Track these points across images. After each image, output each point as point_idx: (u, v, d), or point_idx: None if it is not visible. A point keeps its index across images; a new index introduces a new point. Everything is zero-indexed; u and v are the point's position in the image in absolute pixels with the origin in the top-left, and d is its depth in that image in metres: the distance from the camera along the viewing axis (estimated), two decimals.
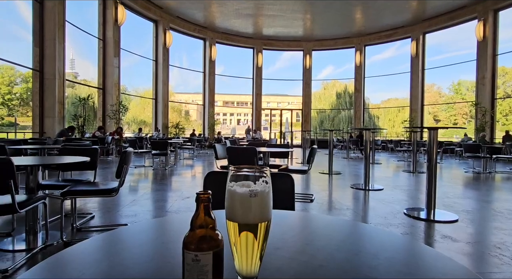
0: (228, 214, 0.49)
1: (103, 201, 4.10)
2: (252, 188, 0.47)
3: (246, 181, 0.48)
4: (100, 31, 12.92)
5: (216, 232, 0.49)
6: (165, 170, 7.61)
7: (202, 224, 0.49)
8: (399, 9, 14.66)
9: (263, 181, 0.48)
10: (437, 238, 2.94)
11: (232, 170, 0.49)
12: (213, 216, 0.50)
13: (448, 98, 23.98)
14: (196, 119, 23.28)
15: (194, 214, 0.50)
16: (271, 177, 1.36)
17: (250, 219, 0.47)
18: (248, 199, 0.47)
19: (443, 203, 4.34)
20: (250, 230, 0.47)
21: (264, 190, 0.48)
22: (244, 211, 0.47)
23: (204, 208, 0.50)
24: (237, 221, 0.47)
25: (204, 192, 0.50)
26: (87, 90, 13.03)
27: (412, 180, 6.85)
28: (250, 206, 0.47)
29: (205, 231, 0.49)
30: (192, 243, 0.48)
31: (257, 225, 0.47)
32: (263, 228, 0.48)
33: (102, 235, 0.79)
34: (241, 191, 0.47)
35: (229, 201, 0.49)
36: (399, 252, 0.69)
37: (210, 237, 0.48)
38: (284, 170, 4.43)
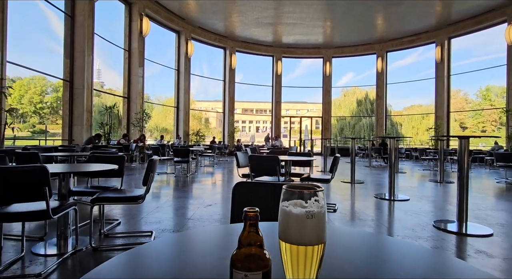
0: (282, 235, 0.48)
1: (128, 208, 4.20)
2: (308, 209, 0.46)
3: (298, 200, 0.47)
4: (126, 42, 13.43)
5: (264, 252, 0.49)
6: (186, 177, 7.71)
7: (251, 242, 0.48)
8: (422, 14, 14.34)
9: (315, 200, 0.47)
10: (471, 253, 2.79)
11: (285, 188, 0.48)
12: (261, 233, 0.49)
13: (475, 104, 23.00)
14: (215, 126, 23.56)
15: (242, 232, 0.49)
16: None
17: (306, 241, 0.46)
18: (304, 220, 0.46)
19: (475, 216, 4.13)
20: (306, 252, 0.46)
21: (321, 211, 0.47)
22: (300, 233, 0.46)
23: (252, 226, 0.49)
24: (292, 242, 0.46)
25: (252, 209, 0.49)
26: (112, 99, 13.52)
27: (440, 190, 6.58)
28: (306, 227, 0.46)
29: (254, 249, 0.48)
30: (241, 262, 0.47)
31: (313, 247, 0.46)
32: (319, 250, 0.47)
33: (129, 252, 0.76)
34: (297, 211, 0.46)
35: (284, 221, 0.48)
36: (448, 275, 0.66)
37: (259, 257, 0.48)
38: (306, 179, 4.38)
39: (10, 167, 2.14)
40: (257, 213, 0.49)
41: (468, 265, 0.69)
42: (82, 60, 10.27)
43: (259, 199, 1.42)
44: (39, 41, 11.48)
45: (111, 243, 2.94)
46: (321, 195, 0.48)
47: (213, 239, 0.92)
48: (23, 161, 4.03)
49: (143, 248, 0.82)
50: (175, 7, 14.50)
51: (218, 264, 0.66)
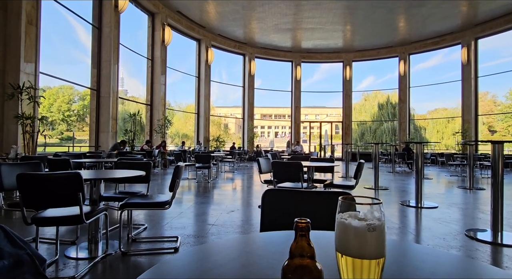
0: (341, 248, 0.48)
1: (153, 213, 4.29)
2: (370, 222, 0.45)
3: (353, 212, 0.47)
4: (149, 51, 13.87)
5: (316, 263, 0.49)
6: (208, 183, 7.80)
7: (303, 253, 0.49)
8: (447, 15, 13.93)
9: (371, 212, 0.47)
10: (509, 264, 2.65)
11: (342, 200, 0.48)
12: (312, 244, 0.49)
13: (504, 107, 21.91)
14: (234, 132, 23.74)
15: (293, 242, 0.50)
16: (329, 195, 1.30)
17: (367, 254, 0.45)
18: (365, 233, 0.45)
19: (511, 225, 3.91)
20: (365, 265, 0.46)
21: (381, 224, 0.46)
22: (360, 246, 0.46)
23: (303, 236, 0.49)
24: (353, 255, 0.46)
25: (303, 220, 0.50)
26: (135, 106, 13.93)
27: (470, 197, 6.30)
28: (366, 240, 0.45)
29: (306, 261, 0.48)
30: (292, 273, 0.47)
31: (374, 261, 0.45)
32: (379, 264, 0.46)
33: (171, 260, 0.75)
34: (357, 224, 0.46)
35: (343, 234, 0.48)
36: None
37: (311, 268, 0.48)
38: (329, 185, 4.32)
39: (47, 174, 2.25)
40: (308, 224, 0.49)
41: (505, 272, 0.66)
42: (108, 69, 10.68)
43: (288, 206, 1.42)
44: (68, 52, 12.05)
45: (139, 247, 3.00)
46: (380, 208, 0.47)
47: (251, 248, 0.92)
48: (55, 167, 4.21)
49: (172, 261, 0.82)
50: (196, 16, 14.85)
51: (266, 273, 0.66)
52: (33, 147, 7.07)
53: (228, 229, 3.62)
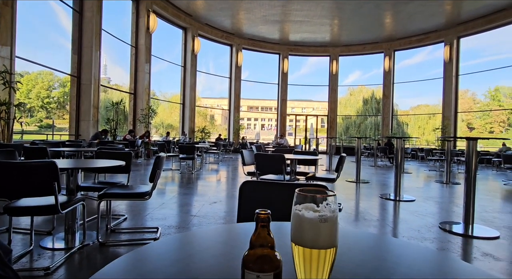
0: (295, 238, 0.48)
1: (134, 204, 4.23)
2: (322, 213, 0.46)
3: (310, 204, 0.48)
4: (133, 39, 13.50)
5: (276, 253, 0.49)
6: (191, 174, 7.75)
7: (263, 244, 0.49)
8: (431, 13, 14.16)
9: (326, 204, 0.48)
10: (477, 255, 2.77)
11: (298, 192, 0.49)
12: (272, 235, 0.50)
13: (483, 105, 22.72)
14: (221, 123, 23.62)
15: (253, 233, 0.50)
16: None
17: (319, 245, 0.46)
18: (317, 225, 0.46)
19: (482, 218, 4.09)
20: (318, 256, 0.46)
21: (333, 215, 0.47)
22: (314, 236, 0.46)
23: (264, 227, 0.50)
24: (306, 246, 0.47)
25: (264, 211, 0.50)
26: (118, 95, 13.61)
27: (446, 191, 6.53)
28: (319, 231, 0.46)
29: (265, 251, 0.49)
30: (253, 263, 0.48)
31: (326, 251, 0.46)
32: (332, 254, 0.47)
33: (138, 251, 0.75)
34: (310, 216, 0.46)
35: (297, 225, 0.48)
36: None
37: (271, 258, 0.48)
38: (311, 178, 4.38)
39: (20, 162, 2.18)
40: (268, 215, 0.49)
41: (477, 269, 0.69)
42: (89, 55, 10.35)
43: (266, 198, 1.43)
44: (47, 36, 11.59)
45: (118, 238, 2.97)
46: (332, 200, 0.48)
47: (221, 239, 0.93)
48: (31, 156, 4.08)
49: (149, 248, 0.82)
50: (183, 3, 14.51)
51: (228, 265, 0.67)
52: (9, 135, 6.81)
53: (209, 220, 3.63)
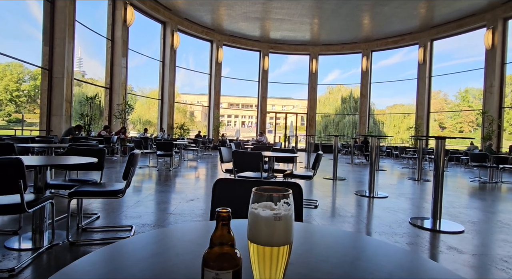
0: (251, 236, 0.49)
1: (108, 202, 4.12)
2: (276, 212, 0.47)
3: (268, 202, 0.48)
4: (109, 31, 13.06)
5: (236, 251, 0.50)
6: (169, 171, 7.64)
7: (223, 242, 0.49)
8: (407, 16, 14.63)
9: (284, 202, 0.48)
10: (443, 249, 2.91)
11: (254, 191, 0.49)
12: (232, 233, 0.50)
13: (454, 105, 23.84)
14: (200, 120, 23.39)
15: (214, 231, 0.50)
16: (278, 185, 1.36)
17: (274, 242, 0.47)
18: (272, 223, 0.47)
19: (449, 213, 4.30)
20: (274, 252, 0.47)
21: (288, 213, 0.48)
22: (268, 234, 0.47)
23: (224, 226, 0.50)
24: (261, 243, 0.47)
25: (224, 209, 0.50)
26: (93, 89, 13.15)
27: (417, 188, 6.81)
28: (274, 229, 0.47)
29: (225, 249, 0.49)
30: (213, 261, 0.48)
31: (280, 248, 0.47)
32: (286, 251, 0.48)
33: (111, 246, 0.77)
34: (265, 214, 0.47)
35: (252, 223, 0.49)
36: (415, 273, 0.69)
37: (230, 256, 0.49)
38: (289, 175, 4.43)
39: None
40: (229, 213, 0.49)
41: (440, 266, 0.73)
42: (62, 47, 9.92)
43: (239, 195, 1.43)
44: (16, 26, 11.00)
45: (89, 237, 2.89)
46: (290, 198, 0.49)
47: (191, 236, 0.92)
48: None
49: (118, 245, 0.82)
50: None
51: (192, 263, 0.67)
52: None
53: (186, 218, 3.60)
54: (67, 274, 0.61)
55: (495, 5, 13.23)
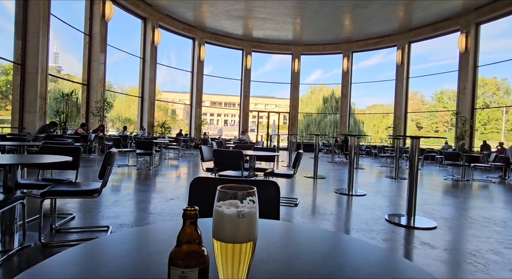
0: (216, 234, 0.49)
1: (84, 201, 4.01)
2: (240, 209, 0.48)
3: (233, 200, 0.49)
4: (86, 26, 12.65)
5: (203, 248, 0.50)
6: (149, 170, 7.50)
7: (189, 240, 0.49)
8: (386, 18, 15.01)
9: (250, 200, 0.49)
10: (416, 244, 3.02)
11: (219, 189, 0.50)
12: (200, 231, 0.50)
13: (430, 106, 24.69)
14: (182, 118, 23.08)
15: (180, 230, 0.50)
16: (256, 184, 1.37)
17: (238, 239, 0.47)
18: (236, 220, 0.47)
19: (423, 210, 4.46)
20: (237, 249, 0.48)
21: (251, 210, 0.48)
22: (232, 232, 0.48)
23: (191, 224, 0.50)
24: (225, 241, 0.48)
25: (192, 208, 0.50)
26: (70, 86, 12.71)
27: (394, 186, 7.01)
28: (238, 226, 0.47)
29: (192, 247, 0.49)
30: (179, 259, 0.48)
31: (244, 245, 0.48)
32: (250, 247, 0.49)
33: (82, 246, 0.77)
34: (229, 212, 0.48)
35: (216, 221, 0.49)
36: (381, 267, 0.71)
37: (197, 253, 0.49)
38: (270, 174, 4.45)
39: None
40: (196, 212, 0.49)
41: (404, 259, 0.75)
42: (36, 41, 9.52)
43: (215, 194, 1.43)
44: None
45: (63, 238, 2.79)
46: (255, 196, 0.50)
47: (166, 236, 0.91)
48: None
49: (89, 245, 0.80)
50: None
51: (162, 262, 0.66)
52: None
53: (165, 218, 3.55)
54: (32, 275, 0.59)
55: (468, 10, 13.80)
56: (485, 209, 4.89)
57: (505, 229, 3.65)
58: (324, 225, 3.60)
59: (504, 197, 6.31)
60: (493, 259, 2.67)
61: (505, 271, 2.45)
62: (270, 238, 0.88)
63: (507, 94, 21.67)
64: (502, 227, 3.73)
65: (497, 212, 4.64)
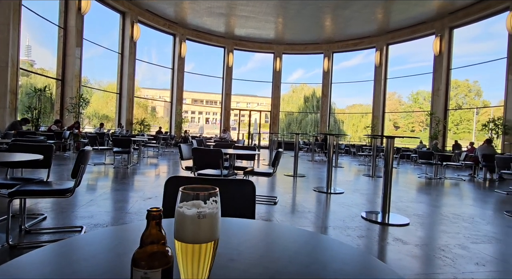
0: (177, 234, 0.49)
1: (57, 201, 3.87)
2: (200, 210, 0.48)
3: (196, 201, 0.49)
4: (61, 19, 12.16)
5: (167, 249, 0.49)
6: (127, 168, 7.33)
7: (153, 241, 0.49)
8: (365, 20, 15.35)
9: (213, 200, 0.49)
10: (390, 240, 3.13)
11: (181, 190, 0.50)
12: (164, 232, 0.50)
13: (407, 106, 25.54)
14: (163, 116, 22.68)
15: (144, 230, 0.49)
16: (232, 183, 1.37)
17: (199, 239, 0.48)
18: (197, 221, 0.48)
19: (397, 207, 4.61)
20: (198, 249, 0.48)
21: (213, 211, 0.49)
22: (193, 232, 0.48)
23: (155, 225, 0.50)
24: (186, 241, 0.48)
25: (156, 208, 0.50)
26: (44, 80, 12.19)
27: (371, 184, 7.21)
28: (199, 227, 0.48)
29: (155, 247, 0.49)
30: (142, 260, 0.48)
31: (205, 245, 0.48)
32: (211, 247, 0.49)
33: (54, 245, 0.76)
34: (190, 213, 0.48)
35: (177, 222, 0.49)
36: (348, 264, 0.73)
37: (161, 254, 0.49)
38: (249, 172, 4.46)
39: None
40: (160, 212, 0.49)
41: (379, 262, 0.78)
42: (6, 34, 9.06)
43: None
44: None
45: (33, 240, 2.69)
46: (217, 196, 0.50)
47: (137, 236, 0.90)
48: None
49: (56, 246, 0.79)
50: None
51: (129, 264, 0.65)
52: None
53: (142, 217, 3.48)
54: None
55: (443, 15, 14.35)
56: (455, 206, 5.12)
57: (472, 225, 3.84)
58: (302, 223, 3.65)
59: (473, 195, 6.63)
60: (460, 254, 2.80)
61: (471, 264, 2.58)
62: (242, 237, 0.89)
63: (478, 96, 22.76)
64: (469, 223, 3.92)
65: (466, 209, 4.87)
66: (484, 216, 4.42)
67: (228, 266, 0.66)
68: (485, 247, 3.04)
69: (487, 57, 14.46)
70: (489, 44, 15.99)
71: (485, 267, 2.55)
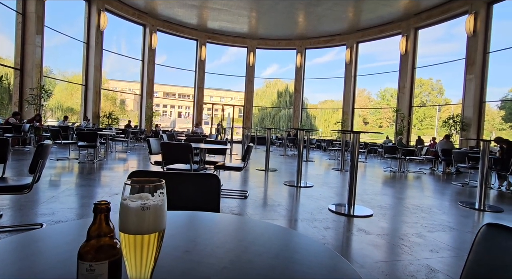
0: (121, 227, 0.50)
1: (16, 198, 3.66)
2: (144, 202, 0.49)
3: (144, 193, 0.50)
4: (19, 4, 11.33)
5: (115, 241, 0.50)
6: (93, 163, 7.05)
7: (100, 234, 0.49)
8: (337, 18, 15.69)
9: (160, 193, 0.50)
10: (354, 231, 3.27)
11: (125, 183, 0.50)
12: (112, 225, 0.50)
13: (376, 103, 26.56)
14: (133, 109, 21.98)
15: (91, 224, 0.49)
16: (197, 177, 1.38)
17: (142, 230, 0.49)
18: (141, 213, 0.48)
19: (362, 199, 4.82)
20: (143, 241, 0.49)
21: (157, 203, 0.50)
22: (137, 224, 0.49)
23: (102, 218, 0.50)
24: (130, 232, 0.49)
25: (103, 201, 0.50)
26: (0, 69, 11.36)
27: (340, 177, 7.46)
28: (143, 218, 0.49)
29: (103, 240, 0.49)
30: (88, 253, 0.48)
31: (147, 236, 0.49)
32: (155, 238, 0.50)
33: (14, 237, 0.74)
34: (134, 205, 0.49)
35: (121, 214, 0.50)
36: (298, 252, 0.77)
37: (108, 247, 0.49)
38: (220, 167, 4.46)
39: None
40: (108, 206, 0.50)
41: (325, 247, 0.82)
42: None
43: None
44: None
45: None
46: (163, 188, 0.51)
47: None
48: None
49: (5, 242, 0.76)
50: None
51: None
52: None
53: None
54: None
55: (409, 15, 14.98)
56: (415, 197, 5.44)
57: (430, 215, 4.11)
58: (271, 216, 3.72)
59: (433, 187, 7.07)
60: (417, 242, 3.00)
61: (426, 251, 2.76)
62: (200, 230, 0.91)
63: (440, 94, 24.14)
64: (427, 213, 4.19)
65: (425, 200, 5.19)
66: (441, 207, 4.74)
67: (182, 257, 0.68)
68: (439, 235, 3.27)
69: (449, 57, 15.37)
70: (451, 45, 17.03)
71: (438, 253, 2.74)
